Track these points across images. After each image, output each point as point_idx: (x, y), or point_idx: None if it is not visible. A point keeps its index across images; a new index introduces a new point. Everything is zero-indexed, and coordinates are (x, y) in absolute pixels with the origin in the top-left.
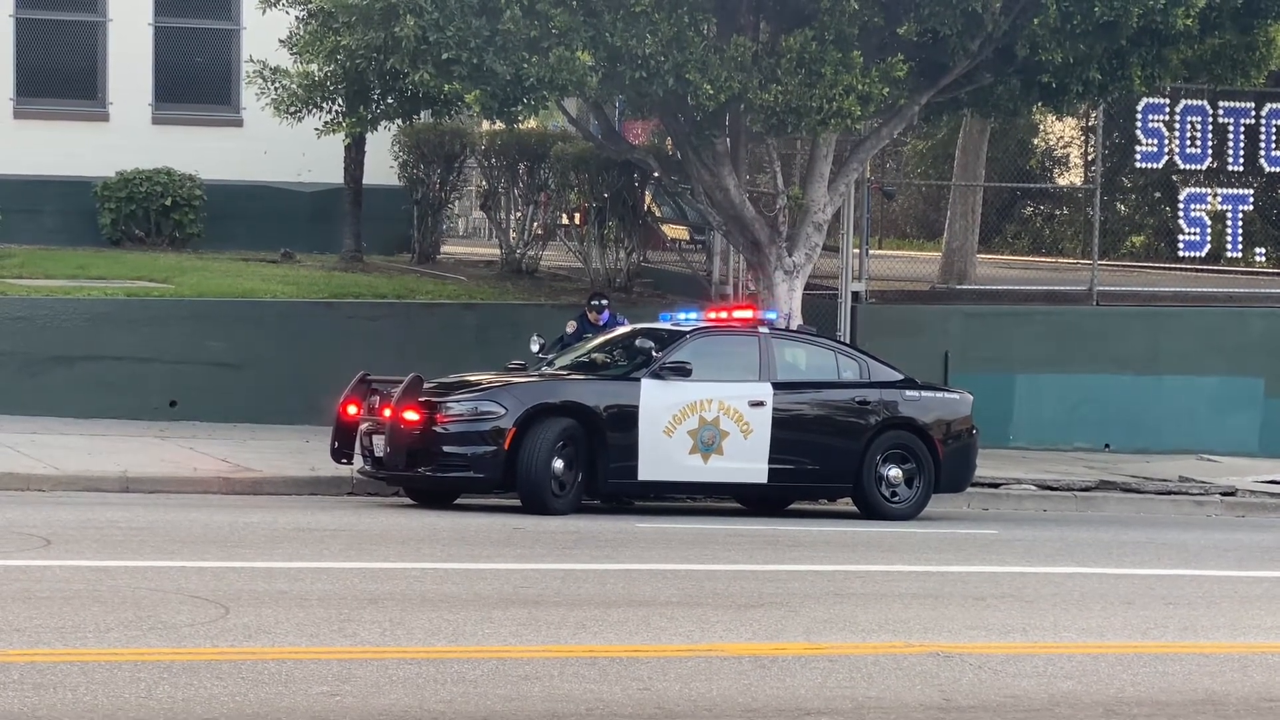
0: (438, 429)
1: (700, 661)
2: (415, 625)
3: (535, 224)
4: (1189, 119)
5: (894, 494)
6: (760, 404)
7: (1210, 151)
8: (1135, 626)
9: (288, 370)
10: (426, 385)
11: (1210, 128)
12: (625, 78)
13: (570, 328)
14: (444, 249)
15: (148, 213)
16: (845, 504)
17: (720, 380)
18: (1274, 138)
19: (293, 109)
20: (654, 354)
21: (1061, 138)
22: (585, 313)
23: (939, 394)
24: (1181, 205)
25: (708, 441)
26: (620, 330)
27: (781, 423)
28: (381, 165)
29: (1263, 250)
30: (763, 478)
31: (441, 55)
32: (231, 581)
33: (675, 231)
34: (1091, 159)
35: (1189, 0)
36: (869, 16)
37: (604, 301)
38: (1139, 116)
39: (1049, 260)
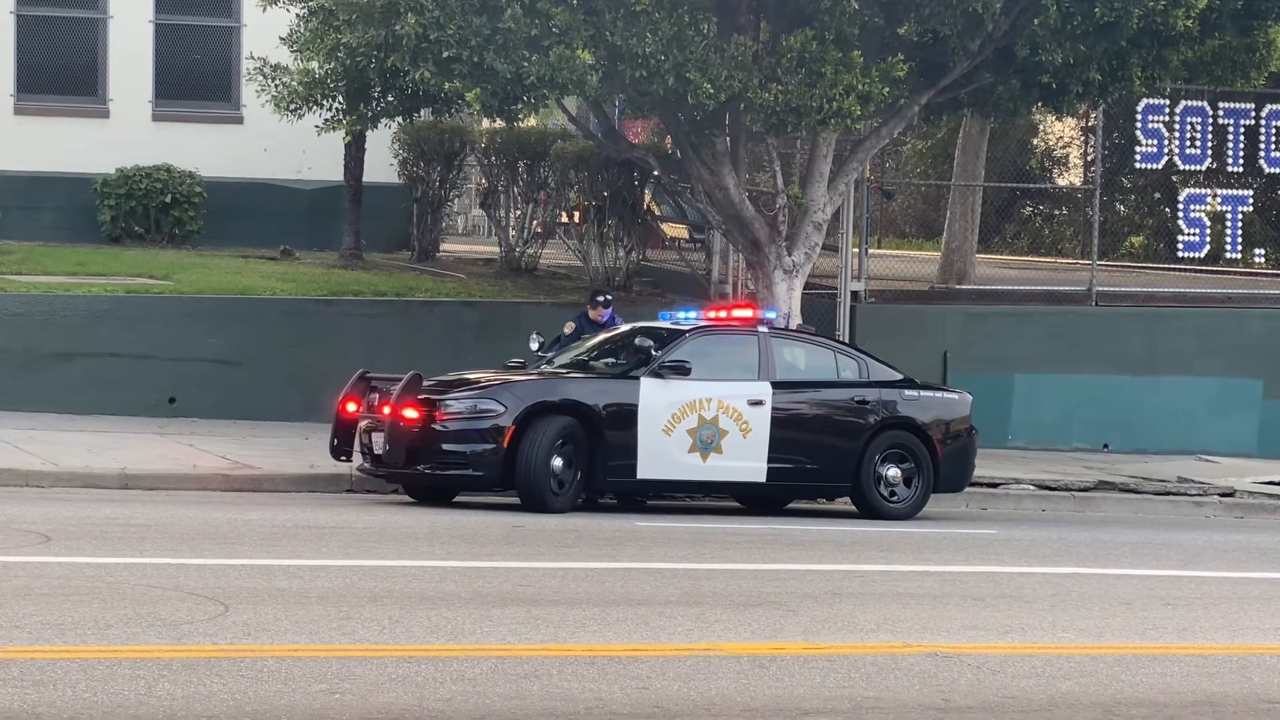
0: (437, 427)
1: (699, 661)
2: (414, 623)
3: (535, 222)
4: (1189, 120)
5: (893, 494)
6: (759, 403)
7: (1210, 152)
8: (1134, 627)
9: (287, 367)
10: (426, 383)
11: (1210, 129)
12: (625, 77)
13: (569, 328)
14: (443, 247)
15: (147, 209)
16: (844, 504)
17: (719, 379)
18: (1274, 139)
19: (293, 106)
20: (653, 353)
21: (1061, 138)
22: (587, 310)
23: (938, 394)
24: (1181, 206)
25: (707, 440)
26: (620, 329)
27: (780, 422)
28: (381, 163)
29: (1262, 251)
30: (761, 477)
31: (442, 53)
32: (231, 579)
33: (675, 230)
34: (1091, 159)
35: (1189, 1)
36: (869, 16)
37: (608, 298)
38: (1139, 117)
39: (1048, 260)
